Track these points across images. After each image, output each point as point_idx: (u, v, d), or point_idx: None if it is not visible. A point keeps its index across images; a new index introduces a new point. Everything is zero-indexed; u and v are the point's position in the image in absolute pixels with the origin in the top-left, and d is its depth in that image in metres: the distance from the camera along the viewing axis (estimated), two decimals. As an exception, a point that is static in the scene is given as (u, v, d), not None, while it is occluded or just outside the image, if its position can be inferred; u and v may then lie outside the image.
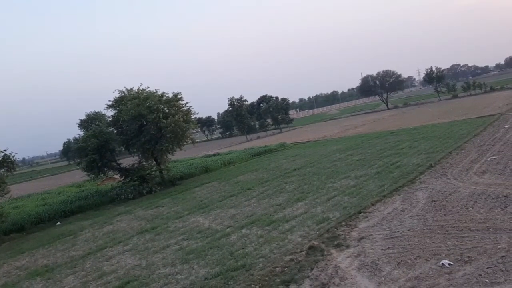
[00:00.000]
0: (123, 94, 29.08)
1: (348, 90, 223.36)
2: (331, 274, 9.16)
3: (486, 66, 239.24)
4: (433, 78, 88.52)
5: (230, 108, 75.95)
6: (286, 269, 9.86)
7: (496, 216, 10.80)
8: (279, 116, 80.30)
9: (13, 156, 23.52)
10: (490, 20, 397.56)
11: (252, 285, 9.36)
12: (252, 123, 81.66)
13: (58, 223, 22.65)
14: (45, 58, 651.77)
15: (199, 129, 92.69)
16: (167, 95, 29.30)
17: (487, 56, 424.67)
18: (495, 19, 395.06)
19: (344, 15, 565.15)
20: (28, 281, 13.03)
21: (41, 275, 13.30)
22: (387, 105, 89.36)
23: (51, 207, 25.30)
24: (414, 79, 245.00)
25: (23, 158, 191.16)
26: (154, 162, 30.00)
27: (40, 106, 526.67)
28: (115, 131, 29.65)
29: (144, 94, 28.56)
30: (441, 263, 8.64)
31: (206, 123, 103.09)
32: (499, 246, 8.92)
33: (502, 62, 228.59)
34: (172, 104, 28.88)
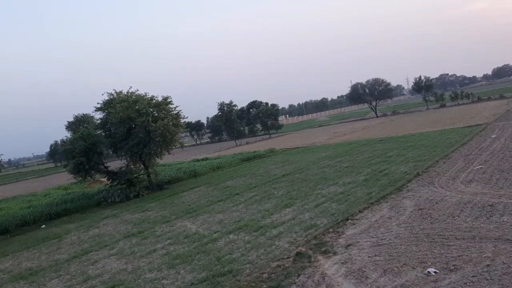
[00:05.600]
0: (112, 96, 28.90)
1: (338, 97, 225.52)
2: (318, 280, 9.15)
3: (474, 77, 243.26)
4: (422, 87, 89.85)
5: (220, 113, 75.99)
6: (273, 275, 9.82)
7: (482, 225, 10.90)
8: (269, 122, 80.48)
9: (-1, 157, 23.29)
10: (478, 31, 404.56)
11: (239, 291, 9.31)
12: (241, 128, 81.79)
13: (43, 225, 22.36)
14: (32, 56, 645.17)
15: (188, 133, 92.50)
16: (156, 99, 29.22)
17: (475, 67, 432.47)
18: (483, 30, 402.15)
19: (335, 23, 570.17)
20: (12, 285, 12.82)
21: (25, 279, 13.10)
22: (376, 113, 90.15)
23: (36, 210, 24.95)
24: (403, 87, 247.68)
25: (9, 159, 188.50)
26: (142, 166, 29.83)
27: (27, 107, 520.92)
28: (103, 134, 29.45)
29: (133, 97, 28.43)
30: (427, 271, 8.69)
31: (195, 127, 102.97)
32: (484, 255, 9.00)
33: (490, 73, 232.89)
34: (162, 107, 28.83)
